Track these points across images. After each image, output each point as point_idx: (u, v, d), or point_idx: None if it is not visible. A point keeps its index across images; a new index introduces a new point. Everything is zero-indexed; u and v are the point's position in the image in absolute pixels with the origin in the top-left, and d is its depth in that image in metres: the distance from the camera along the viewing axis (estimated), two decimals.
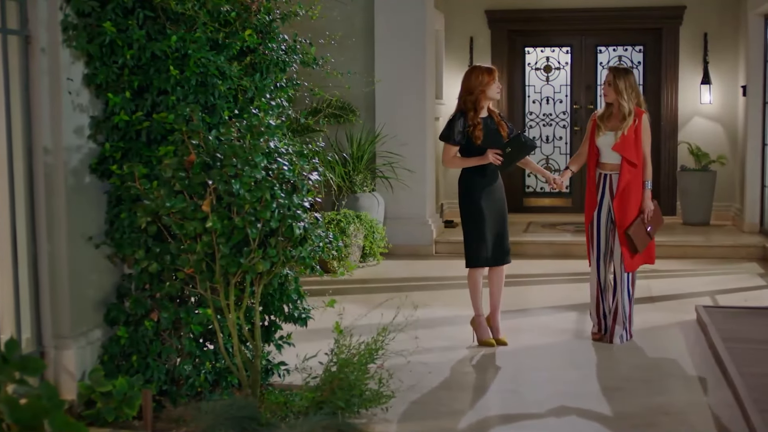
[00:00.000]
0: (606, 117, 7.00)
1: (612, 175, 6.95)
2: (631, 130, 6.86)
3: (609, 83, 6.92)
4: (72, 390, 5.17)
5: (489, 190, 6.96)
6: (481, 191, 6.95)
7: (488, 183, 6.96)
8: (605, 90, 6.98)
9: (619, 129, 6.88)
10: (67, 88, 5.14)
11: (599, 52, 13.84)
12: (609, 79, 6.94)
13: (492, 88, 6.92)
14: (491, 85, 6.90)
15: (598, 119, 7.02)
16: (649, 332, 7.38)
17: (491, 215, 6.96)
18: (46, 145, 5.10)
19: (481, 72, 6.93)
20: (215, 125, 5.37)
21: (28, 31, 5.05)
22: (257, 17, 5.59)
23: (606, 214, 6.97)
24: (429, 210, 11.31)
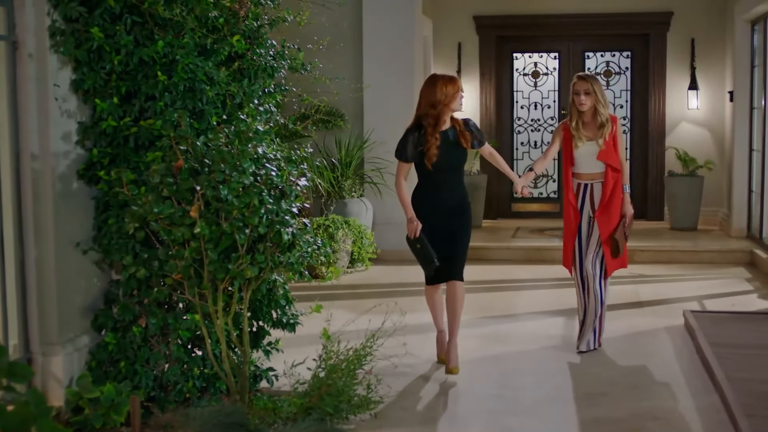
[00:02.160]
0: (581, 126, 6.78)
1: (593, 185, 6.79)
2: (610, 137, 6.74)
3: (587, 92, 6.70)
4: (59, 396, 5.16)
5: (439, 207, 6.36)
6: (428, 207, 6.35)
7: (438, 202, 6.38)
8: (583, 100, 6.71)
9: (598, 137, 6.72)
10: (55, 93, 5.13)
11: (587, 58, 13.87)
12: (587, 88, 6.70)
13: (456, 100, 6.35)
14: (455, 98, 6.34)
15: (573, 130, 6.79)
16: (637, 337, 7.39)
17: (436, 233, 6.31)
18: (33, 150, 5.09)
19: (444, 83, 6.29)
20: (203, 131, 5.37)
21: (16, 36, 5.05)
22: (245, 23, 5.59)
23: (587, 223, 6.83)
24: None
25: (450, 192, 6.38)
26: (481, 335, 7.51)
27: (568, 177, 6.85)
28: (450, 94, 6.28)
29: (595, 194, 6.78)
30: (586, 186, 6.80)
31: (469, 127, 6.50)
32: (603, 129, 6.71)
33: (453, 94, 6.30)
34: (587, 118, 6.77)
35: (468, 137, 6.42)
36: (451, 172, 6.38)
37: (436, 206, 6.34)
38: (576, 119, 6.77)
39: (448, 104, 6.29)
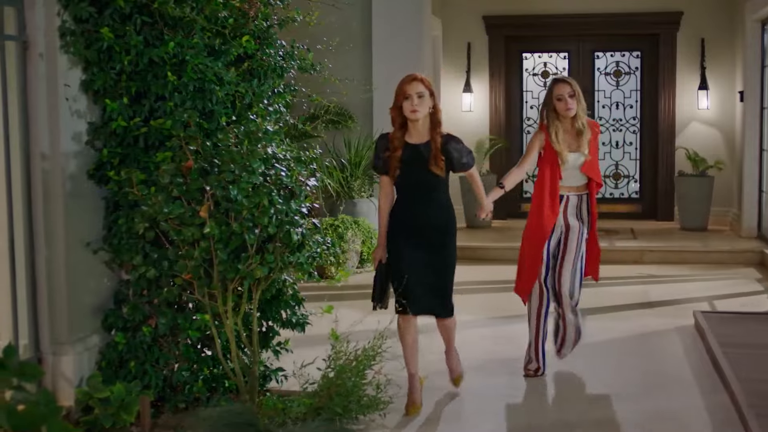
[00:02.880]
0: (563, 135, 6.12)
1: (569, 197, 6.18)
2: (592, 145, 6.17)
3: (572, 95, 6.04)
4: (70, 396, 5.17)
5: (410, 226, 5.50)
6: (398, 225, 5.54)
7: (409, 220, 5.51)
8: (569, 104, 6.03)
9: (583, 147, 6.11)
10: (65, 93, 5.14)
11: (596, 58, 13.85)
12: (571, 91, 6.04)
13: (405, 105, 5.39)
14: (405, 103, 5.39)
15: (555, 142, 6.08)
16: (647, 337, 7.38)
17: (415, 258, 5.47)
18: (43, 150, 5.10)
19: (401, 81, 5.46)
20: (213, 131, 5.37)
21: (26, 36, 5.06)
22: (255, 23, 5.59)
23: (557, 239, 6.19)
24: None
25: (423, 210, 5.52)
26: (492, 336, 7.50)
27: (555, 192, 6.14)
28: (399, 93, 5.44)
29: (569, 206, 6.18)
30: (561, 198, 6.18)
31: (447, 149, 5.45)
32: (581, 137, 6.12)
33: (401, 95, 5.42)
34: (567, 125, 6.14)
35: (440, 162, 5.43)
36: (420, 191, 5.52)
37: (407, 224, 5.52)
38: (556, 128, 6.09)
39: (401, 107, 5.44)
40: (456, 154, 5.49)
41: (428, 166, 5.42)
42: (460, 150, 5.53)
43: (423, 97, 5.38)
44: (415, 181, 5.49)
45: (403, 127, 5.48)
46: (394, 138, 5.48)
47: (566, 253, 6.17)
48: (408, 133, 5.49)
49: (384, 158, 5.50)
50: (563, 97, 6.05)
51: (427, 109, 5.41)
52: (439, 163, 5.42)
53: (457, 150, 5.49)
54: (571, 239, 6.17)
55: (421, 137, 5.47)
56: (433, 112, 5.46)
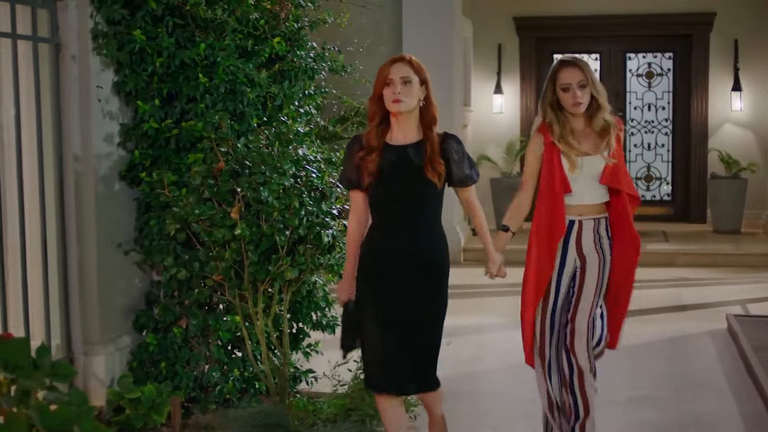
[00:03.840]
0: (572, 135, 4.57)
1: (583, 223, 4.58)
2: (617, 147, 4.61)
3: (582, 84, 4.50)
4: (101, 396, 5.19)
5: (385, 260, 4.19)
6: (371, 256, 4.23)
7: (385, 251, 4.19)
8: (578, 96, 4.50)
9: (602, 149, 4.56)
10: (97, 95, 5.17)
11: (628, 59, 13.76)
12: (581, 79, 4.51)
13: (386, 93, 4.18)
14: (386, 90, 4.18)
15: (559, 141, 4.56)
16: (679, 341, 7.32)
17: (394, 309, 4.16)
18: (76, 152, 5.13)
19: (383, 65, 4.30)
20: (244, 133, 5.38)
21: (59, 38, 5.09)
22: (286, 25, 5.60)
23: (568, 280, 4.63)
24: (457, 217, 11.27)
25: (409, 240, 4.18)
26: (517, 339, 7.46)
27: (558, 212, 4.56)
28: (380, 79, 4.22)
29: (584, 236, 4.58)
30: (572, 224, 4.58)
31: (447, 150, 4.23)
32: (607, 136, 4.57)
33: (381, 81, 4.21)
34: (579, 123, 4.58)
35: (439, 167, 4.16)
36: (405, 211, 4.18)
37: (385, 260, 4.19)
38: (562, 127, 4.56)
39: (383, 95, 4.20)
40: (457, 157, 4.25)
41: (422, 172, 4.14)
42: (462, 155, 4.29)
43: (410, 83, 4.16)
44: (398, 196, 4.16)
45: (383, 124, 4.21)
46: (370, 137, 4.20)
47: (580, 300, 4.62)
48: (390, 132, 4.21)
49: (356, 165, 4.20)
50: (570, 86, 4.51)
51: (417, 100, 4.17)
52: (437, 167, 4.14)
53: (458, 153, 4.26)
54: (588, 280, 4.62)
55: (408, 137, 4.19)
56: (425, 105, 4.21)
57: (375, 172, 4.16)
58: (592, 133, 4.59)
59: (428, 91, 4.27)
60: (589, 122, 4.58)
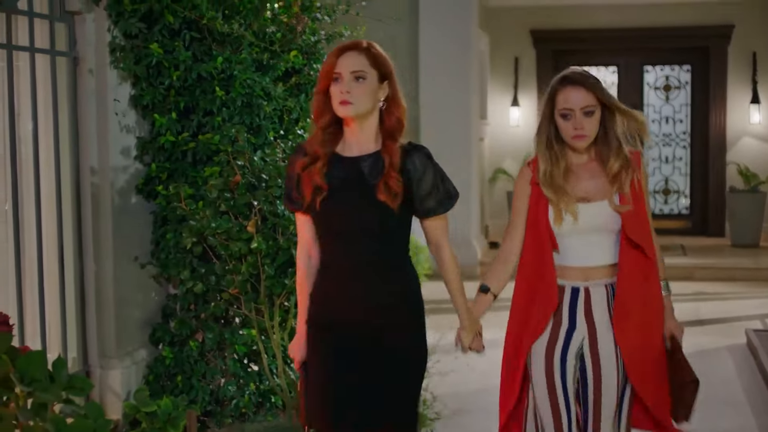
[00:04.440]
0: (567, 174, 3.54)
1: (590, 290, 3.53)
2: (635, 190, 3.54)
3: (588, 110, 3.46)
4: (117, 410, 5.19)
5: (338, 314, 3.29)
6: (321, 310, 3.34)
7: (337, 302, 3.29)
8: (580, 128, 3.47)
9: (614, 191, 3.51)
10: (114, 109, 5.18)
11: (646, 72, 13.73)
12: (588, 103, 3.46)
13: (333, 91, 3.26)
14: (333, 87, 3.26)
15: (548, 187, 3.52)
16: (698, 355, 7.26)
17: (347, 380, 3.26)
18: (93, 165, 5.14)
19: (330, 53, 3.33)
20: (260, 146, 5.39)
21: (77, 52, 5.11)
22: (302, 38, 5.61)
23: (574, 362, 3.53)
24: (474, 231, 11.26)
25: (364, 283, 3.28)
26: None
27: (547, 276, 3.55)
28: (323, 73, 3.29)
29: (595, 308, 3.53)
30: (576, 292, 3.55)
31: (410, 166, 3.30)
32: (620, 176, 3.52)
33: (325, 74, 3.28)
34: (580, 158, 3.57)
35: (394, 185, 3.23)
36: (358, 243, 3.27)
37: (335, 311, 3.30)
38: (552, 164, 3.53)
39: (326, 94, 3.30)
40: (422, 176, 3.30)
41: (374, 193, 3.22)
42: (432, 175, 3.33)
43: (364, 80, 3.25)
44: (347, 224, 3.26)
45: (333, 128, 3.32)
46: (314, 144, 3.30)
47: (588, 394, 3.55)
48: (342, 140, 3.33)
49: (296, 179, 3.32)
50: (572, 113, 3.47)
51: (374, 101, 3.28)
52: (393, 185, 3.22)
53: (425, 171, 3.31)
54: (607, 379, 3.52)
55: (363, 147, 3.30)
56: (387, 107, 3.32)
57: (319, 188, 3.25)
58: (600, 170, 3.53)
59: (393, 88, 3.35)
60: (598, 155, 3.54)
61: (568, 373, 3.53)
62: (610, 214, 3.49)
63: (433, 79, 11.24)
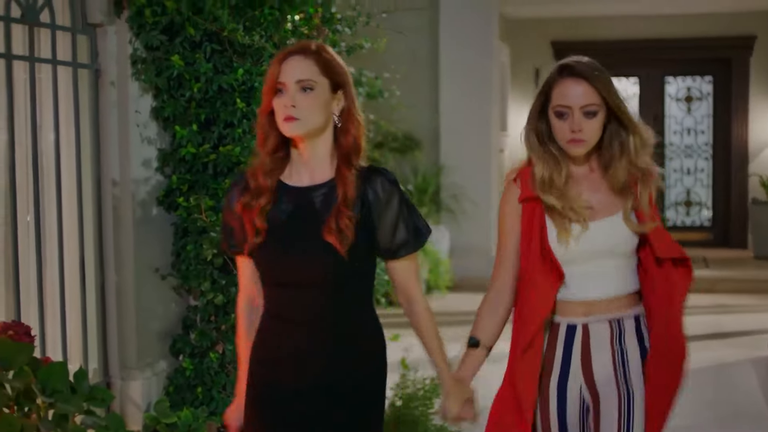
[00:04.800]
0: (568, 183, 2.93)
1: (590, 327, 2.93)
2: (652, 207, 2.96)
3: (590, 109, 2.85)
4: (138, 421, 5.19)
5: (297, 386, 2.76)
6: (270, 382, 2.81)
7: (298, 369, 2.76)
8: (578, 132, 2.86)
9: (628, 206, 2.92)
10: (135, 120, 5.20)
11: (667, 83, 13.68)
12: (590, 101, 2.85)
13: (276, 105, 2.72)
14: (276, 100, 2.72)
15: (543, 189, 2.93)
16: (721, 369, 7.21)
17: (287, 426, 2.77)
18: (114, 177, 5.16)
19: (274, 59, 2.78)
20: None
21: (98, 64, 5.13)
22: None
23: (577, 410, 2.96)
24: (492, 243, 11.21)
25: (313, 345, 2.75)
26: None
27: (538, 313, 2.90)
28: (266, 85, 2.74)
29: (594, 350, 2.93)
30: (571, 332, 2.95)
31: (371, 191, 2.75)
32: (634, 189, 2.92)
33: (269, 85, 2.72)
34: (580, 166, 2.98)
35: (347, 223, 2.68)
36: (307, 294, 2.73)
37: (279, 379, 2.79)
38: (552, 167, 2.93)
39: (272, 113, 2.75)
40: (384, 207, 2.74)
41: (321, 234, 2.67)
42: (394, 201, 2.75)
43: (312, 89, 2.69)
44: (293, 269, 2.72)
45: (281, 153, 2.78)
46: (258, 174, 2.77)
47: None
48: (289, 166, 2.79)
49: (238, 217, 2.79)
50: (569, 111, 2.87)
51: (327, 115, 2.73)
52: (343, 224, 2.66)
53: (388, 200, 2.74)
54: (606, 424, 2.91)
55: (315, 173, 2.76)
56: (342, 124, 2.75)
57: (262, 230, 2.73)
58: (603, 184, 2.93)
59: (348, 100, 2.76)
60: (600, 166, 2.95)
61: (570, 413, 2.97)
62: (628, 233, 2.88)
63: (453, 90, 11.24)
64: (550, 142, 2.98)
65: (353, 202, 2.70)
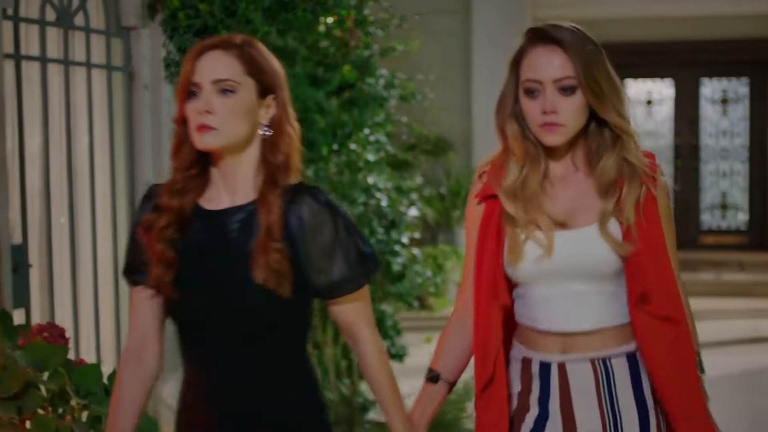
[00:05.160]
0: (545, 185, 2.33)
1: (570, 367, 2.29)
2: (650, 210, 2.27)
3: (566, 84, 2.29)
4: (170, 422, 5.19)
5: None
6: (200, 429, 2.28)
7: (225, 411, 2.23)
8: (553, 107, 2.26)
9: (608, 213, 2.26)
10: (169, 123, 5.21)
11: (702, 85, 13.56)
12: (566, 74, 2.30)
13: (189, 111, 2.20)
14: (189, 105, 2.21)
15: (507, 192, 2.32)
16: (758, 374, 7.14)
17: None
18: (148, 179, 5.17)
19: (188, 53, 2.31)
20: (314, 161, 5.38)
21: (132, 67, 5.14)
22: (356, 52, 5.61)
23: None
24: None
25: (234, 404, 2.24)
26: None
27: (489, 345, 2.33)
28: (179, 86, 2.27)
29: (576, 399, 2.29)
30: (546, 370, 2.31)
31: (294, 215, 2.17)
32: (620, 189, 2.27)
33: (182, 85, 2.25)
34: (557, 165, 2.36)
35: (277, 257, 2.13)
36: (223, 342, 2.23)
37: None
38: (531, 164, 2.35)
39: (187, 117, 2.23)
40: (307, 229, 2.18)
41: (247, 270, 2.15)
42: (327, 225, 2.19)
43: (233, 92, 2.19)
44: (209, 316, 2.22)
45: (195, 171, 2.26)
46: (164, 191, 2.27)
47: None
48: (210, 188, 2.27)
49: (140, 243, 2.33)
50: (540, 85, 2.30)
51: (252, 125, 2.21)
52: (273, 260, 2.13)
53: (316, 220, 2.19)
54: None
55: (236, 194, 2.24)
56: (272, 136, 2.23)
57: (169, 259, 2.20)
58: (587, 185, 2.29)
59: (280, 107, 2.23)
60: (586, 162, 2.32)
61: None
62: (605, 250, 2.22)
63: (486, 93, 11.17)
64: (529, 132, 2.35)
65: (279, 230, 2.13)
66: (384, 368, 2.35)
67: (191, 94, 2.20)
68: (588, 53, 2.36)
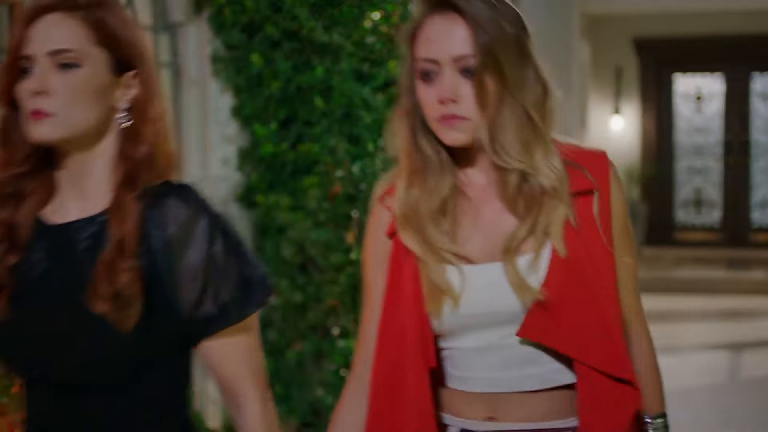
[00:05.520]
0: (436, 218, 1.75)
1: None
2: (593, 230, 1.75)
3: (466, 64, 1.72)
4: (216, 418, 5.22)
5: None
6: None
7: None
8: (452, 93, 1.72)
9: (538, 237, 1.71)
10: (215, 119, 5.23)
11: (753, 80, 13.37)
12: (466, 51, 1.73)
13: (21, 91, 1.60)
14: (22, 83, 1.60)
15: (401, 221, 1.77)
16: None
17: None
18: (194, 175, 5.19)
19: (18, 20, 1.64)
20: (359, 156, 5.37)
21: (178, 63, 5.17)
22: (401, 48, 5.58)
23: None
24: None
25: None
26: None
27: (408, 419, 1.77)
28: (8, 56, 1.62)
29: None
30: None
31: (154, 223, 1.64)
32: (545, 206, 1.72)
33: (10, 56, 1.62)
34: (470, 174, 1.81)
35: (120, 280, 1.57)
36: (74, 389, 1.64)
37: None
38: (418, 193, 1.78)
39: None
40: (172, 243, 1.65)
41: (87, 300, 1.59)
42: (198, 237, 1.68)
43: (79, 66, 1.62)
44: (44, 358, 1.65)
45: (23, 168, 1.68)
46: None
47: None
48: (55, 192, 1.72)
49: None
50: (437, 66, 1.76)
51: (103, 110, 1.68)
52: (121, 283, 1.58)
53: (184, 230, 1.67)
54: None
55: (87, 202, 1.69)
56: (132, 125, 1.73)
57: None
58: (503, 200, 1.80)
59: (145, 87, 1.75)
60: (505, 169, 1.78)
61: None
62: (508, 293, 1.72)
63: None
64: (427, 133, 1.81)
65: (133, 245, 1.61)
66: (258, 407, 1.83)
67: (23, 70, 1.63)
68: (498, 27, 1.78)
